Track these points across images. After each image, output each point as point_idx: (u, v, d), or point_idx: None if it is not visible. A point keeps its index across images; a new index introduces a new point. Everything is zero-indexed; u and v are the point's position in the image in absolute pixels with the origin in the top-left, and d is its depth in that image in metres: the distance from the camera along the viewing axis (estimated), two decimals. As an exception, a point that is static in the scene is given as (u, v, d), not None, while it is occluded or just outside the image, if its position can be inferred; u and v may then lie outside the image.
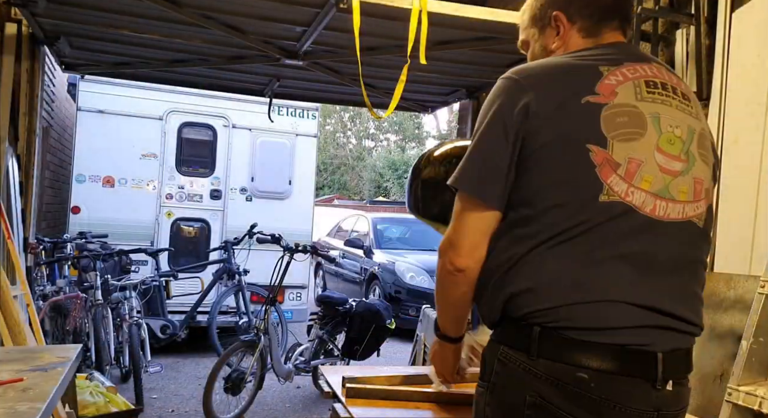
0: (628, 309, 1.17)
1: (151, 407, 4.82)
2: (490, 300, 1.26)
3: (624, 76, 1.24)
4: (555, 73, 1.25)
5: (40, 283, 5.07)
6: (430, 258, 9.00)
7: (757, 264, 2.48)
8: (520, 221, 1.21)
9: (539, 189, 1.20)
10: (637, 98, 1.22)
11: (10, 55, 3.89)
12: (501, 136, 1.22)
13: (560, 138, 1.18)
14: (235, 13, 3.60)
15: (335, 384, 2.70)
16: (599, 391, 1.15)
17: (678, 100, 1.26)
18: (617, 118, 1.19)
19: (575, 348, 1.16)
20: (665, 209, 1.20)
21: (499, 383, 1.23)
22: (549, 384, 1.16)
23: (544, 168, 1.19)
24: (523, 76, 1.25)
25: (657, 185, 1.19)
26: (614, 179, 1.17)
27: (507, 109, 1.22)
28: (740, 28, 2.80)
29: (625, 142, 1.18)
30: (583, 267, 1.17)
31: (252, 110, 6.86)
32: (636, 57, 1.31)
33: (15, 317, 3.22)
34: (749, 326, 2.22)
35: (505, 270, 1.23)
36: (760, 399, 2.11)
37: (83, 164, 6.45)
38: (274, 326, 4.81)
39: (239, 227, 6.58)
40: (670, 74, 1.31)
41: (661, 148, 1.20)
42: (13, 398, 1.83)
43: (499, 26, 3.47)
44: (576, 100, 1.19)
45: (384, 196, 29.90)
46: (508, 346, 1.23)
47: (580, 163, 1.17)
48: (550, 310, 1.17)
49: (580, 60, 1.28)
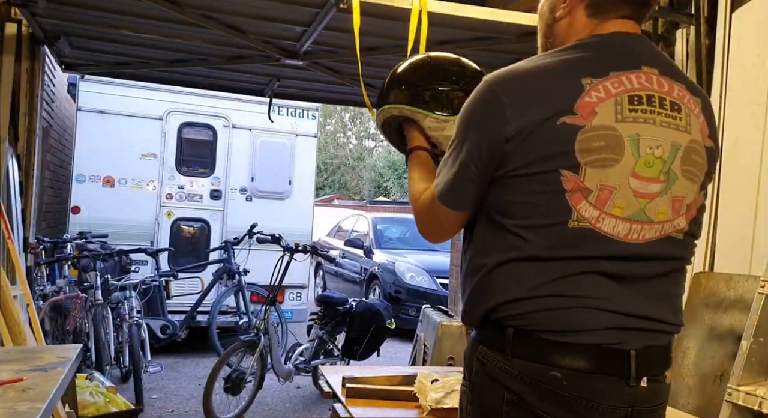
0: (603, 314, 1.19)
1: (151, 407, 4.82)
2: (472, 304, 1.30)
3: (606, 91, 1.20)
4: (535, 88, 1.22)
5: (40, 283, 5.07)
6: (430, 258, 9.00)
7: (757, 264, 2.48)
8: (500, 229, 1.24)
9: (515, 205, 1.21)
10: (617, 119, 1.19)
11: (10, 55, 3.89)
12: (474, 153, 1.23)
13: (534, 161, 1.18)
14: (235, 13, 3.60)
15: (335, 384, 2.71)
16: (572, 389, 1.17)
17: (664, 114, 1.22)
18: (593, 143, 1.17)
19: (549, 348, 1.18)
20: (640, 231, 1.21)
21: (479, 382, 1.26)
22: (524, 383, 1.19)
23: (518, 188, 1.20)
24: (504, 89, 1.22)
25: (630, 210, 1.19)
26: (584, 206, 1.17)
27: (483, 126, 1.23)
28: (740, 28, 2.80)
29: (598, 169, 1.17)
30: (561, 280, 1.19)
31: (252, 110, 6.86)
32: (626, 63, 1.25)
33: (15, 317, 3.22)
34: (749, 326, 2.22)
35: (485, 274, 1.26)
36: (760, 399, 2.11)
37: (83, 164, 6.45)
38: (274, 326, 4.81)
39: (239, 227, 6.58)
40: (662, 80, 1.25)
41: (637, 173, 1.19)
42: (13, 398, 1.83)
43: (499, 26, 3.47)
44: (553, 121, 1.17)
45: (384, 196, 29.89)
46: (486, 346, 1.26)
47: (551, 187, 1.18)
48: (527, 314, 1.20)
49: (564, 67, 1.24)
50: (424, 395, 2.51)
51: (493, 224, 1.25)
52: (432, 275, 8.39)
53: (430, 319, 5.01)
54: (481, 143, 1.22)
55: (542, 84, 1.22)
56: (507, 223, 1.22)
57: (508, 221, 1.22)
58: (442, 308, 5.31)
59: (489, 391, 1.24)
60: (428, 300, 7.63)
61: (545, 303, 1.19)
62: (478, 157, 1.23)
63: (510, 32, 3.75)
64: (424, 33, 3.04)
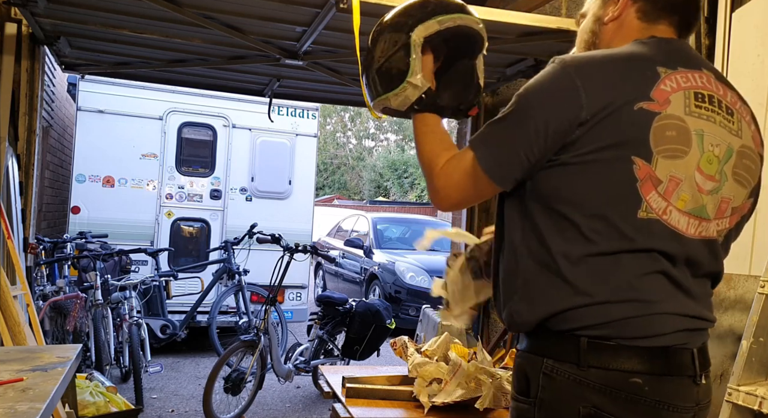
0: (670, 317, 1.19)
1: (151, 407, 4.82)
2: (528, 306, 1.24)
3: (677, 83, 1.21)
4: (611, 71, 1.20)
5: (40, 283, 5.07)
6: (430, 258, 9.00)
7: (757, 264, 2.48)
8: (563, 219, 1.20)
9: (581, 194, 1.18)
10: (685, 111, 1.19)
11: (10, 55, 3.88)
12: (540, 131, 1.18)
13: (608, 147, 1.16)
14: (235, 13, 3.59)
15: (335, 384, 2.71)
16: (653, 394, 1.16)
17: (722, 116, 1.23)
18: (666, 132, 1.17)
19: (625, 355, 1.17)
20: (697, 227, 1.21)
21: (548, 397, 1.21)
22: (602, 394, 1.16)
23: (587, 174, 1.17)
24: (578, 71, 1.19)
25: (692, 204, 1.20)
26: (653, 196, 1.17)
27: (554, 107, 1.19)
28: (740, 28, 2.80)
29: (669, 159, 1.17)
30: (632, 282, 1.17)
31: (252, 110, 6.86)
32: (689, 62, 1.27)
33: (15, 317, 3.21)
34: (749, 326, 2.22)
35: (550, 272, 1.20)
36: (760, 399, 2.11)
37: (83, 164, 6.46)
38: (274, 326, 4.81)
39: (239, 227, 6.59)
40: (718, 84, 1.27)
41: (700, 168, 1.19)
42: (13, 398, 1.83)
43: (499, 26, 3.47)
44: (630, 106, 1.16)
45: (384, 196, 29.90)
46: (553, 358, 1.21)
47: (623, 175, 1.16)
48: (603, 325, 1.17)
49: (638, 55, 1.24)
50: (424, 395, 2.51)
51: (554, 214, 1.20)
52: (432, 275, 8.38)
53: (430, 319, 5.01)
54: (548, 125, 1.18)
55: (618, 70, 1.21)
56: (573, 213, 1.18)
57: (574, 211, 1.18)
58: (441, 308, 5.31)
59: (562, 406, 1.19)
60: (428, 300, 7.63)
61: (621, 311, 1.17)
62: (544, 138, 1.18)
63: (510, 32, 3.75)
64: (424, 33, 3.03)
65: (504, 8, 3.90)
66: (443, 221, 12.06)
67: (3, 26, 3.85)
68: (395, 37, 1.39)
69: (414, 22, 1.38)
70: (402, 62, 1.38)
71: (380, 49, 1.41)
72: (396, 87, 1.39)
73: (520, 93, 1.24)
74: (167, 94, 6.59)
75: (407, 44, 1.38)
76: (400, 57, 1.38)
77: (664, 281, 1.19)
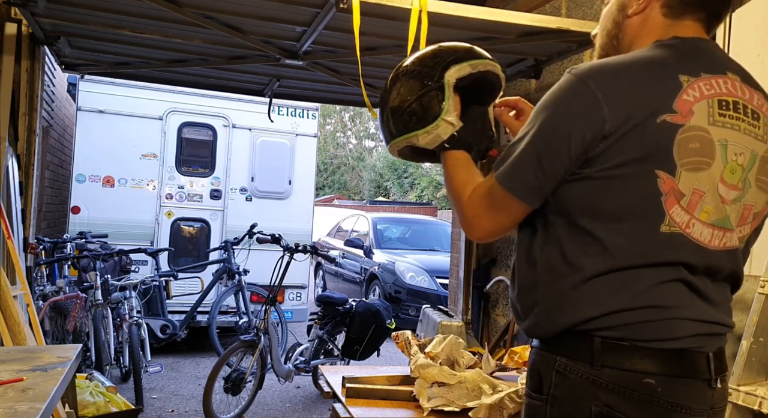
0: (688, 323, 1.19)
1: (151, 407, 4.82)
2: (550, 316, 1.24)
3: (701, 92, 1.18)
4: (632, 81, 1.17)
5: (40, 283, 5.07)
6: (430, 258, 9.01)
7: (757, 264, 2.48)
8: (586, 234, 1.19)
9: (604, 208, 1.18)
10: (709, 121, 1.17)
11: (10, 55, 3.88)
12: (563, 146, 1.17)
13: (632, 161, 1.15)
14: (235, 13, 3.59)
15: (335, 384, 2.71)
16: (666, 395, 1.16)
17: (747, 122, 1.21)
18: (690, 144, 1.15)
19: (639, 355, 1.17)
20: (721, 238, 1.21)
21: (560, 395, 1.21)
22: (615, 393, 1.16)
23: (611, 188, 1.16)
24: (598, 82, 1.17)
25: (715, 216, 1.19)
26: (676, 210, 1.16)
27: (576, 122, 1.17)
28: (740, 28, 2.80)
29: (692, 172, 1.15)
30: (650, 290, 1.17)
31: (252, 110, 6.86)
32: (713, 66, 1.23)
33: (15, 317, 3.21)
34: (749, 326, 2.22)
35: (572, 285, 1.20)
36: (760, 399, 2.11)
37: (83, 164, 6.46)
38: (274, 326, 4.81)
39: (239, 227, 6.59)
40: (744, 88, 1.24)
41: (724, 179, 1.18)
42: (13, 398, 1.83)
43: (499, 26, 3.47)
44: (653, 118, 1.14)
45: (384, 196, 29.91)
46: (567, 357, 1.21)
47: (647, 190, 1.15)
48: (620, 326, 1.18)
49: (660, 62, 1.21)
50: (424, 398, 2.51)
51: (576, 229, 1.20)
52: (432, 275, 8.39)
53: (430, 319, 5.01)
54: (571, 140, 1.16)
55: (639, 79, 1.18)
56: (596, 227, 1.18)
57: (597, 225, 1.18)
58: (442, 308, 5.32)
59: (574, 404, 1.19)
60: (428, 300, 7.64)
61: (639, 316, 1.17)
62: (568, 154, 1.17)
63: (510, 32, 3.75)
64: (424, 33, 3.04)
65: (504, 8, 3.90)
66: (443, 221, 12.06)
67: (3, 26, 3.86)
68: (426, 77, 1.42)
69: (447, 64, 1.41)
70: (435, 101, 1.40)
71: (408, 87, 1.43)
72: (428, 125, 1.40)
73: (539, 109, 1.23)
74: (167, 94, 6.60)
75: (441, 84, 1.40)
76: (434, 96, 1.40)
77: (683, 289, 1.19)
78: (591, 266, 1.18)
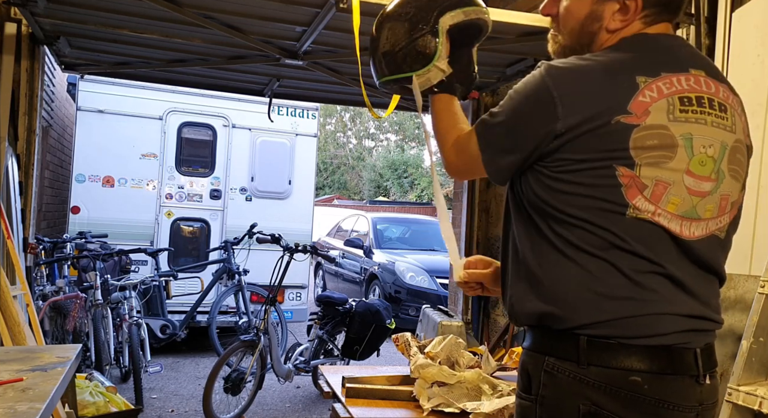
0: (672, 318, 1.20)
1: (151, 407, 4.82)
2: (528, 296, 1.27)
3: (659, 91, 1.20)
4: (589, 85, 1.21)
5: (40, 283, 5.07)
6: (430, 258, 9.00)
7: (757, 264, 2.48)
8: (550, 224, 1.23)
9: (567, 200, 1.21)
10: (669, 119, 1.19)
11: (10, 55, 3.88)
12: (522, 140, 1.24)
13: (587, 159, 1.18)
14: (235, 13, 3.60)
15: (335, 384, 2.71)
16: (653, 392, 1.17)
17: (714, 115, 1.23)
18: (647, 141, 1.17)
19: (625, 353, 1.17)
20: (690, 228, 1.21)
21: (549, 394, 1.22)
22: (602, 392, 1.17)
23: (570, 182, 1.20)
24: (557, 84, 1.21)
25: (684, 207, 1.20)
26: (639, 200, 1.17)
27: (531, 117, 1.23)
28: (740, 28, 2.80)
29: (653, 166, 1.18)
30: (626, 282, 1.18)
31: (252, 110, 6.86)
32: (675, 63, 1.26)
33: (15, 317, 3.21)
34: (749, 326, 2.22)
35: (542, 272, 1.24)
36: (760, 399, 2.11)
37: (83, 164, 6.45)
38: (274, 326, 4.81)
39: (239, 227, 6.59)
40: (708, 82, 1.26)
41: (691, 170, 1.19)
42: (13, 398, 1.83)
43: (499, 26, 3.46)
44: (607, 120, 1.17)
45: (384, 196, 29.91)
46: (554, 356, 1.22)
47: (606, 181, 1.18)
48: (600, 323, 1.18)
49: (619, 65, 1.24)
50: (424, 398, 2.51)
51: (542, 220, 1.24)
52: (432, 275, 8.39)
53: (430, 319, 5.01)
54: (527, 134, 1.23)
55: (596, 82, 1.21)
56: (558, 220, 1.21)
57: (560, 218, 1.21)
58: (441, 308, 5.32)
59: (562, 403, 1.21)
60: (428, 300, 7.64)
61: (618, 309, 1.18)
62: (526, 146, 1.23)
63: (510, 32, 3.75)
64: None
65: (504, 8, 3.89)
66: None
67: (3, 26, 3.86)
68: (421, 21, 1.45)
69: (442, 10, 1.46)
70: (429, 46, 1.45)
71: (402, 29, 1.47)
72: (420, 69, 1.46)
73: (510, 94, 1.29)
74: (167, 94, 6.59)
75: (435, 29, 1.45)
76: (428, 40, 1.45)
77: (664, 281, 1.20)
78: (557, 257, 1.22)
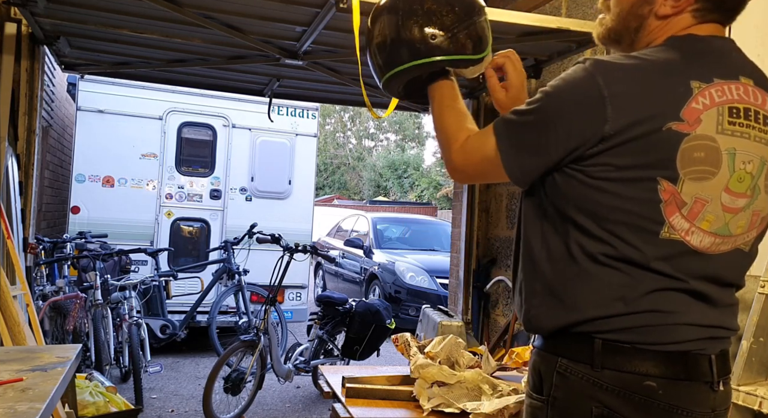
0: (690, 328, 1.19)
1: (151, 407, 4.82)
2: (547, 311, 1.24)
3: (711, 99, 1.15)
4: (642, 86, 1.14)
5: (40, 283, 5.07)
6: (430, 258, 9.00)
7: (757, 264, 2.48)
8: (581, 231, 1.19)
9: (602, 209, 1.16)
10: (717, 130, 1.15)
11: (10, 55, 3.88)
12: (561, 141, 1.16)
13: (633, 166, 1.13)
14: (235, 13, 3.59)
15: (335, 384, 2.71)
16: (667, 398, 1.15)
17: (757, 129, 1.19)
18: (694, 153, 1.13)
19: (640, 357, 1.16)
20: (718, 244, 1.19)
21: (561, 396, 1.21)
22: (616, 395, 1.16)
23: (610, 190, 1.15)
24: (608, 83, 1.13)
25: (716, 224, 1.17)
26: (676, 218, 1.15)
27: (576, 116, 1.15)
28: (740, 28, 2.80)
29: (696, 182, 1.14)
30: (651, 296, 1.17)
31: (252, 110, 6.86)
32: (727, 69, 1.21)
33: (15, 317, 3.21)
34: (749, 326, 2.22)
35: (566, 281, 1.20)
36: (760, 399, 2.11)
37: (83, 164, 6.46)
38: (273, 326, 4.81)
39: (239, 227, 6.59)
40: (756, 92, 1.21)
41: (729, 188, 1.16)
42: (12, 398, 1.83)
43: (499, 26, 3.47)
44: (659, 125, 1.12)
45: (384, 196, 29.91)
46: (567, 358, 1.20)
47: (647, 195, 1.14)
48: (619, 330, 1.17)
49: (673, 66, 1.17)
50: (424, 398, 2.51)
51: (571, 224, 1.19)
52: (432, 275, 8.39)
53: (430, 319, 5.01)
54: (570, 134, 1.15)
55: (650, 82, 1.15)
56: (591, 226, 1.17)
57: (592, 225, 1.17)
58: (441, 308, 5.32)
59: (574, 405, 1.19)
60: (428, 300, 7.64)
61: (640, 320, 1.16)
62: (564, 147, 1.16)
63: (510, 32, 3.75)
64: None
65: (504, 8, 3.90)
66: (443, 221, 12.06)
67: (3, 26, 3.85)
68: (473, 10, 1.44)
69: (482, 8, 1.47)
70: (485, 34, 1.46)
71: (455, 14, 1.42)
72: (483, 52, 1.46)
73: (547, 91, 1.19)
74: (167, 94, 6.60)
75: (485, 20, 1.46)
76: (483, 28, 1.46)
77: (685, 296, 1.19)
78: (587, 266, 1.18)
